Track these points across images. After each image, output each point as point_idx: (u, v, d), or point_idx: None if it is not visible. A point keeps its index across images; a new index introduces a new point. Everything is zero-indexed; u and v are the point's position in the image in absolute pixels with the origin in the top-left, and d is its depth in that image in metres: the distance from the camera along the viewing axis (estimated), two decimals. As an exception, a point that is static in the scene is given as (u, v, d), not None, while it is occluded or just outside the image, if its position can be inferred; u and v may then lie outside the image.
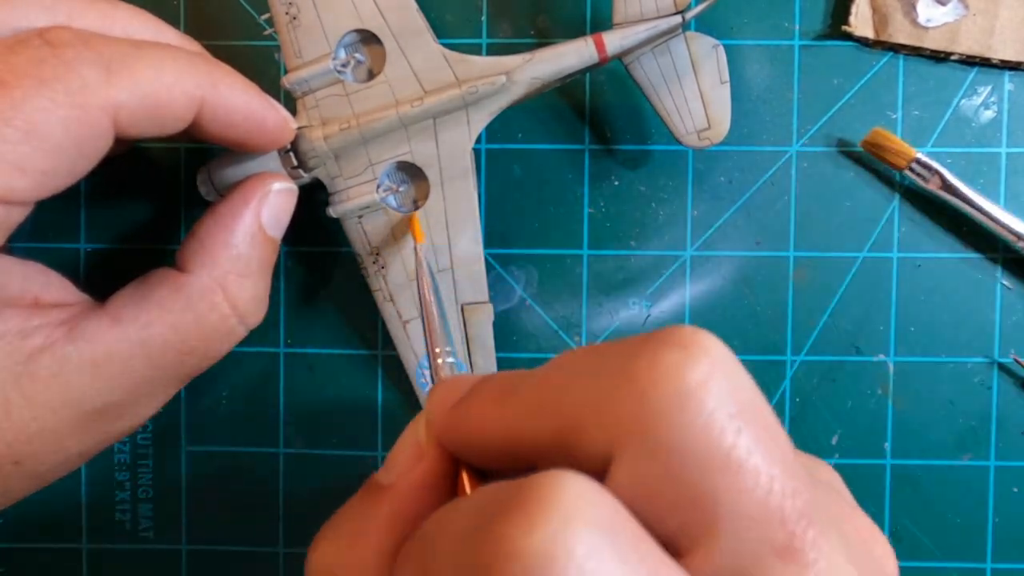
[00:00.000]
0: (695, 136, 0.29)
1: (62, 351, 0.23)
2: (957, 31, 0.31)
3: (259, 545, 0.33)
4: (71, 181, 0.23)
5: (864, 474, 0.32)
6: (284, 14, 0.28)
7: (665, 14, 0.28)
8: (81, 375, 0.24)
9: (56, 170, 0.23)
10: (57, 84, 0.22)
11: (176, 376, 0.26)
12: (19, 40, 0.23)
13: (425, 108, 0.28)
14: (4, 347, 0.23)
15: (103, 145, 0.23)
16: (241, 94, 0.25)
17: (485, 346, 0.30)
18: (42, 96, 0.22)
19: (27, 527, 0.33)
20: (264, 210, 0.27)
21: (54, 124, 0.22)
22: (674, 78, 0.28)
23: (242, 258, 0.26)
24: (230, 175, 0.28)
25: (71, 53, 0.22)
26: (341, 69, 0.28)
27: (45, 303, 0.25)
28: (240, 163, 0.28)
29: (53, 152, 0.22)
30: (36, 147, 0.22)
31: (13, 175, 0.22)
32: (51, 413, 0.23)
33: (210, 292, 0.26)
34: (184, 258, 0.26)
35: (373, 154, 0.29)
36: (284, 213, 0.28)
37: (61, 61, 0.22)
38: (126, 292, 0.26)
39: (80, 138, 0.22)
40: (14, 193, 0.22)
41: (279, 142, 0.27)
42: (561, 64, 0.28)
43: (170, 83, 0.24)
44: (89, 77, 0.22)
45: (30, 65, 0.22)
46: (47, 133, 0.22)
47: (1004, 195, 0.32)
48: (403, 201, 0.29)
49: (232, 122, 0.25)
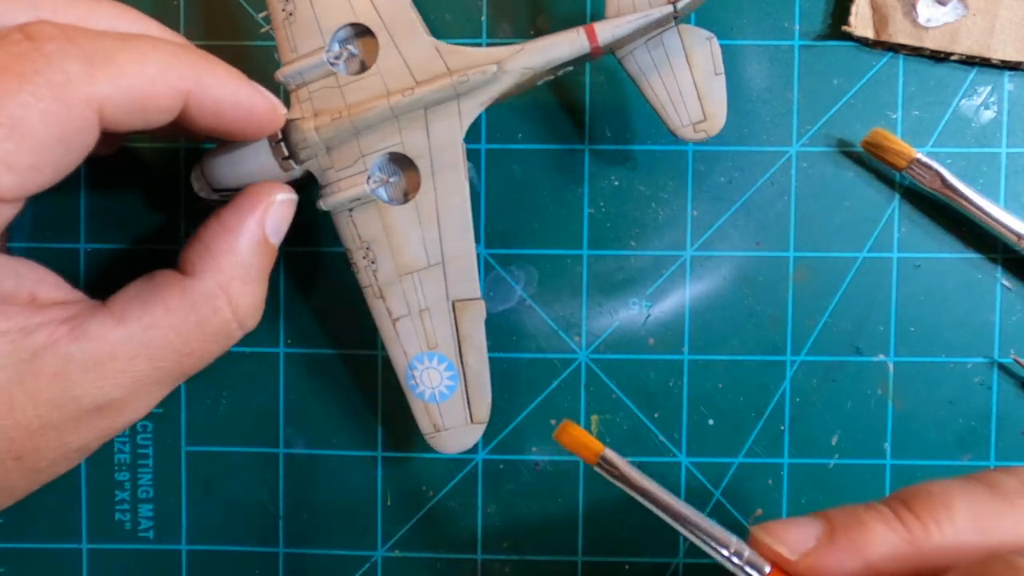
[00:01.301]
0: (690, 128, 0.29)
1: (65, 349, 0.24)
2: (957, 31, 0.31)
3: (259, 545, 0.33)
4: (58, 177, 0.23)
5: (864, 474, 0.32)
6: (281, 10, 0.28)
7: (657, 3, 0.27)
8: (84, 373, 0.24)
9: (42, 166, 0.23)
10: (39, 79, 0.22)
11: (174, 376, 0.26)
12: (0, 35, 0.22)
13: (416, 97, 0.28)
14: (7, 344, 0.23)
15: (89, 139, 0.23)
16: (227, 83, 0.25)
17: (477, 345, 0.29)
18: (24, 92, 0.22)
19: (27, 527, 0.33)
20: (268, 219, 0.27)
21: (37, 119, 0.22)
22: (668, 70, 0.28)
23: (245, 265, 0.27)
24: (223, 169, 0.28)
25: (52, 47, 0.22)
26: (334, 62, 0.28)
27: (42, 300, 0.25)
28: (232, 157, 0.28)
29: (38, 148, 0.22)
30: (20, 143, 0.22)
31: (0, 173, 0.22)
32: (53, 409, 0.24)
33: (213, 297, 0.26)
34: (189, 262, 0.26)
35: (364, 145, 0.29)
36: (285, 222, 0.28)
37: (42, 55, 0.22)
38: (130, 292, 0.26)
39: (65, 133, 0.22)
40: (1, 190, 0.22)
41: (270, 128, 0.27)
42: (552, 54, 0.28)
43: (154, 75, 0.24)
44: (72, 71, 0.22)
45: (11, 60, 0.22)
46: (31, 129, 0.22)
47: (1004, 195, 0.32)
48: (394, 193, 0.29)
49: (220, 111, 0.26)
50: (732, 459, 0.32)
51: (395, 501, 0.33)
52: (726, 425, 0.32)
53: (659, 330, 0.32)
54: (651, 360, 0.32)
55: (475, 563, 0.33)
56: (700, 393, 0.32)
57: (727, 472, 0.32)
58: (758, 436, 0.32)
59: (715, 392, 0.32)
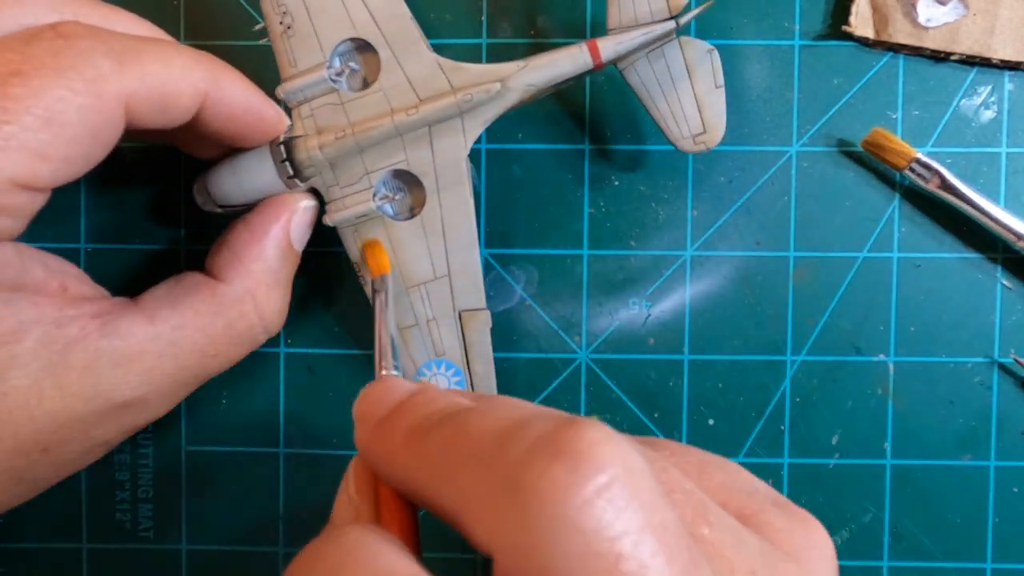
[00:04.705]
0: (690, 141, 0.29)
1: (96, 344, 0.24)
2: (957, 31, 0.31)
3: (259, 545, 0.33)
4: (86, 168, 0.24)
5: (864, 474, 0.32)
6: (278, 23, 0.28)
7: (659, 19, 0.28)
8: (113, 369, 0.24)
9: (74, 157, 0.23)
10: (73, 73, 0.23)
11: (197, 376, 0.27)
12: (33, 33, 0.23)
13: (420, 116, 0.28)
14: (40, 335, 0.24)
15: (116, 133, 0.24)
16: (242, 89, 0.27)
17: (483, 353, 0.30)
18: (60, 85, 0.22)
19: (27, 527, 0.33)
20: (292, 226, 0.28)
21: (72, 112, 0.23)
22: (669, 83, 0.29)
23: (272, 270, 0.28)
24: (228, 186, 0.29)
25: (85, 44, 0.23)
26: (336, 78, 0.28)
27: (72, 293, 0.26)
28: (237, 174, 0.28)
29: (71, 139, 0.23)
30: (56, 134, 0.22)
31: (36, 162, 0.22)
32: (82, 403, 0.24)
33: (241, 301, 0.27)
34: (218, 266, 0.27)
35: (369, 162, 0.29)
36: (308, 229, 0.29)
37: (76, 51, 0.23)
38: (160, 293, 0.27)
39: (96, 125, 0.23)
40: (38, 180, 0.23)
41: (273, 135, 0.28)
42: (556, 71, 0.28)
43: (178, 75, 0.25)
44: (103, 67, 0.23)
45: (47, 55, 0.23)
46: (66, 121, 0.22)
47: (1004, 195, 0.32)
48: (399, 209, 0.29)
49: (233, 115, 0.26)
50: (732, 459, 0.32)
51: (395, 501, 0.33)
52: (726, 425, 0.32)
53: (659, 330, 0.32)
54: (651, 360, 0.32)
55: (475, 563, 0.33)
56: (700, 393, 0.32)
57: (727, 472, 0.32)
58: (758, 436, 0.32)
59: (715, 392, 0.32)
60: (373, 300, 0.28)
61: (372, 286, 0.28)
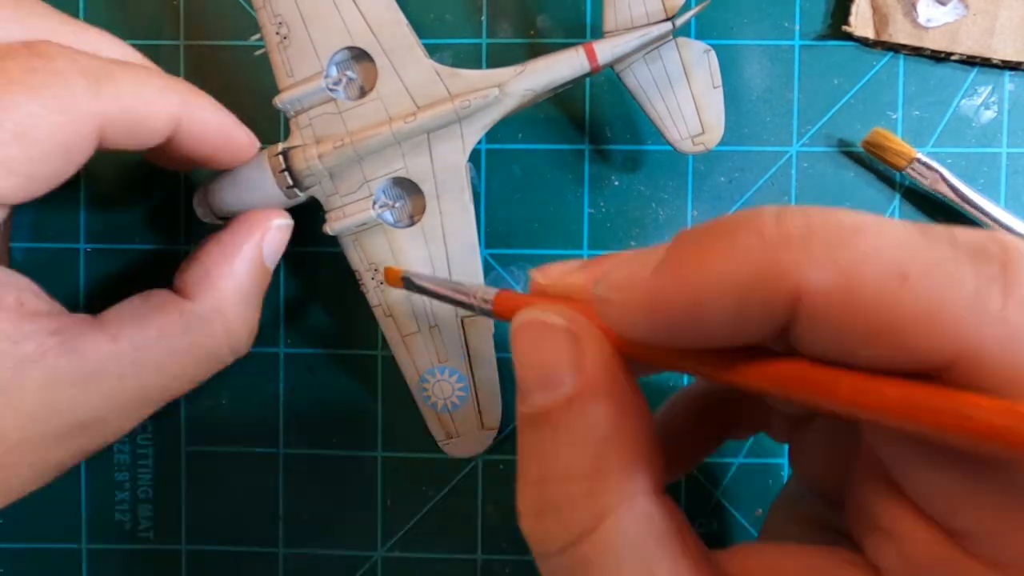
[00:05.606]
0: (689, 141, 0.29)
1: (54, 363, 0.23)
2: (957, 31, 0.31)
3: (259, 545, 0.33)
4: (52, 185, 0.24)
5: (864, 474, 0.32)
6: (275, 33, 0.28)
7: (655, 20, 0.28)
8: (71, 389, 0.24)
9: (41, 174, 0.23)
10: (47, 92, 0.22)
11: (159, 398, 0.26)
12: (5, 50, 0.23)
13: (419, 123, 0.28)
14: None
15: (86, 152, 0.24)
16: (213, 114, 0.26)
17: (486, 357, 0.30)
18: (33, 102, 0.22)
19: (27, 527, 0.33)
20: (265, 244, 0.28)
21: (43, 129, 0.22)
22: (666, 84, 0.28)
23: (243, 289, 0.27)
24: (228, 198, 0.29)
25: (61, 64, 0.23)
26: (333, 87, 0.28)
27: (30, 309, 0.25)
28: (237, 186, 0.28)
29: (40, 156, 0.23)
30: (24, 150, 0.22)
31: (1, 176, 0.22)
32: (35, 423, 0.23)
33: (209, 320, 0.26)
34: (187, 283, 0.27)
35: (368, 171, 0.29)
36: (281, 247, 0.29)
37: (51, 71, 0.23)
38: (124, 310, 0.26)
39: (67, 144, 0.23)
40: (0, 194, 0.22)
41: (245, 158, 0.28)
42: (553, 75, 0.28)
43: (151, 100, 0.25)
44: (78, 86, 0.23)
45: (22, 73, 0.22)
46: (36, 137, 0.22)
47: (1004, 195, 0.32)
48: (400, 216, 0.29)
49: (205, 139, 0.26)
50: (732, 459, 0.32)
51: (395, 501, 0.33)
52: (726, 425, 0.32)
53: (659, 330, 0.32)
54: (651, 360, 0.32)
55: (475, 563, 0.33)
56: (700, 393, 0.32)
57: (727, 472, 0.32)
58: (758, 436, 0.32)
59: (715, 392, 0.32)
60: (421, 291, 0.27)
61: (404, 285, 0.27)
